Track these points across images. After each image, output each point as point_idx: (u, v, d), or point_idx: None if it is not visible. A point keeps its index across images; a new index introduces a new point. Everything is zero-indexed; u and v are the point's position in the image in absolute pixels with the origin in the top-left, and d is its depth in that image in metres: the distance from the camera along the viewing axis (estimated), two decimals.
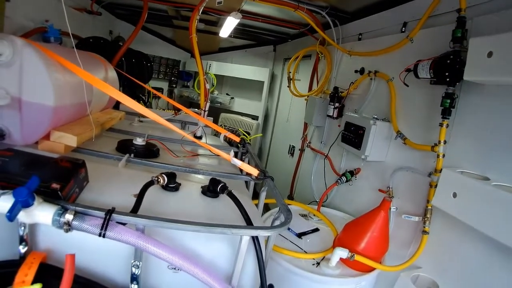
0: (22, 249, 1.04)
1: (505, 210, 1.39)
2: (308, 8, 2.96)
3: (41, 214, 0.92)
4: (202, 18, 4.12)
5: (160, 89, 5.80)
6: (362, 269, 1.89)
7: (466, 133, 1.81)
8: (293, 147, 4.50)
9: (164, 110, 4.04)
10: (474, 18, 1.79)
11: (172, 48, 6.18)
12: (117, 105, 2.57)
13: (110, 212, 0.97)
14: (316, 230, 2.30)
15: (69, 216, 0.93)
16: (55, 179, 1.04)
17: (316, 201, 3.00)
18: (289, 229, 2.19)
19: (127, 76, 2.55)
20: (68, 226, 0.92)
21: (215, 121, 5.25)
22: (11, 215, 0.85)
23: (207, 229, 1.03)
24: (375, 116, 2.44)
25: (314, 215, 2.49)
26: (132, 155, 1.74)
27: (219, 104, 5.98)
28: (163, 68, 5.99)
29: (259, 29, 4.64)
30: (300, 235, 2.16)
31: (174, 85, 6.24)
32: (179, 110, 2.85)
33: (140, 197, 1.16)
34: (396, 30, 2.50)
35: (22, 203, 0.88)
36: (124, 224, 0.99)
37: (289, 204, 2.66)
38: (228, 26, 3.82)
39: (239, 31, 4.68)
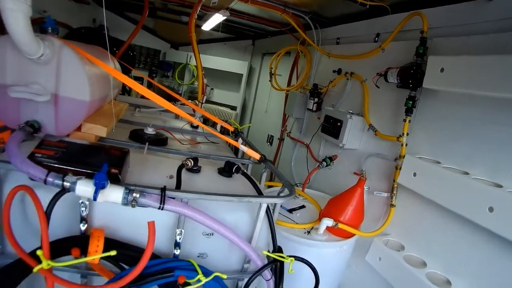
0: (83, 227, 1.24)
1: (450, 185, 1.87)
2: (294, 13, 3.26)
3: (112, 194, 1.13)
4: (185, 11, 4.25)
5: (140, 79, 5.84)
6: (344, 235, 2.28)
7: (423, 127, 2.26)
8: (272, 136, 4.83)
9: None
10: (434, 39, 2.21)
11: (153, 38, 6.18)
12: None
13: (163, 190, 1.23)
14: (303, 207, 2.66)
15: (136, 195, 1.15)
16: (112, 165, 1.22)
17: (297, 184, 3.38)
18: (281, 206, 2.54)
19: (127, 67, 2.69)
20: (135, 203, 1.16)
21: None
22: (96, 195, 1.08)
23: (238, 199, 1.33)
24: (351, 111, 2.83)
25: (299, 195, 2.84)
26: (147, 143, 1.96)
27: None
28: (144, 58, 6.00)
29: (240, 24, 4.83)
30: (290, 211, 2.52)
31: (154, 75, 6.28)
32: (176, 101, 3.04)
33: (178, 177, 1.43)
34: (370, 39, 2.87)
35: (101, 186, 1.09)
36: (173, 198, 1.26)
37: (277, 186, 3.00)
38: (213, 21, 4.00)
39: (221, 25, 4.85)
